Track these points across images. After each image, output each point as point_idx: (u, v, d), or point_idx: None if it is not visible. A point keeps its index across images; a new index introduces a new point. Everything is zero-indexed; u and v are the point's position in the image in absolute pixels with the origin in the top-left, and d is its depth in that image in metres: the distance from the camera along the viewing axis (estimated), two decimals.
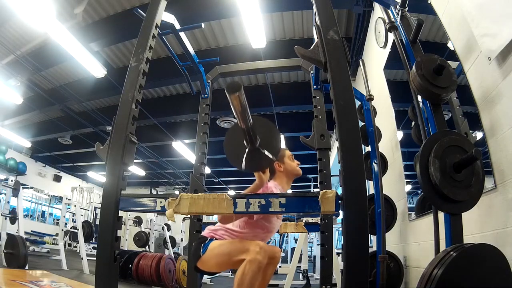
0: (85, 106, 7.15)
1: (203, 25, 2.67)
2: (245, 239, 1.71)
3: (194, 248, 1.78)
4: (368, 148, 2.85)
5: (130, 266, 4.36)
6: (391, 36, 2.49)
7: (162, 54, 5.78)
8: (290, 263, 5.24)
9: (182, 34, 2.31)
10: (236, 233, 1.76)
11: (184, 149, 8.25)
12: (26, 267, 4.12)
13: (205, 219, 3.16)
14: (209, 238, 1.77)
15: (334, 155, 5.06)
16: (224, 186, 13.44)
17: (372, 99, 2.80)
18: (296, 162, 2.01)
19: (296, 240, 9.53)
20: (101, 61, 5.34)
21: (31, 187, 11.15)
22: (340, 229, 4.98)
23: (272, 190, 1.77)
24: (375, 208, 2.58)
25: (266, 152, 1.38)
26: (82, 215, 7.29)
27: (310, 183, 10.03)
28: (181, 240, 8.06)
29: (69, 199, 6.36)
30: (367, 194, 1.22)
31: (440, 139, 1.47)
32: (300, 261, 4.50)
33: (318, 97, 2.52)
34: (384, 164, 2.90)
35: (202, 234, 1.85)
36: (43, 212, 12.18)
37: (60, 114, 8.04)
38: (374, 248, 2.60)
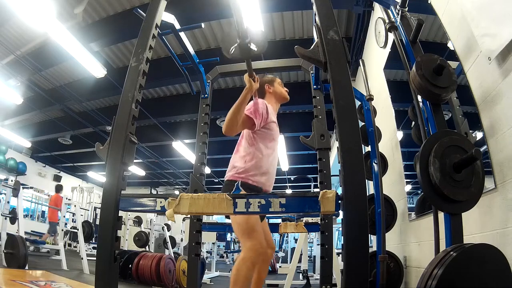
0: (85, 106, 7.15)
1: (203, 25, 2.67)
2: (264, 159, 1.90)
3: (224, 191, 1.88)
4: (368, 148, 2.85)
5: (130, 266, 4.35)
6: (391, 36, 2.49)
7: (162, 54, 5.78)
8: (290, 263, 5.24)
9: (182, 34, 2.31)
10: (254, 162, 1.88)
11: (184, 149, 8.26)
12: (26, 267, 4.12)
13: (205, 219, 3.16)
14: (235, 183, 1.86)
15: (334, 155, 5.06)
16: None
17: (372, 99, 2.80)
18: (285, 89, 2.24)
19: (296, 240, 9.53)
20: (101, 61, 5.35)
21: (31, 187, 11.15)
22: (340, 229, 4.98)
23: (265, 102, 1.96)
24: (375, 208, 2.58)
25: (252, 46, 1.58)
26: (82, 215, 7.30)
27: (310, 183, 10.03)
28: (181, 240, 8.05)
29: (69, 199, 6.36)
30: (367, 194, 1.22)
31: (440, 139, 1.47)
32: (300, 261, 4.50)
33: (318, 97, 2.52)
34: (384, 164, 2.90)
35: (226, 178, 1.95)
36: (43, 212, 12.18)
37: (60, 114, 8.05)
38: (374, 248, 2.60)
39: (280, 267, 5.95)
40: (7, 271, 3.82)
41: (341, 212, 1.17)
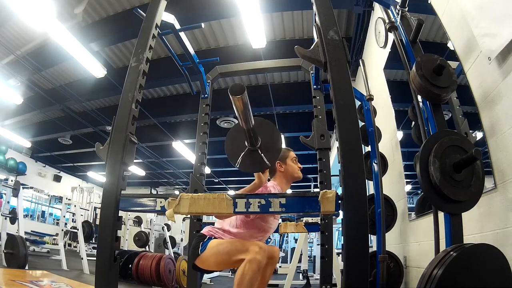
0: (85, 106, 7.15)
1: (203, 25, 2.66)
2: (243, 239, 1.72)
3: (193, 246, 1.78)
4: (368, 148, 2.85)
5: (130, 266, 4.36)
6: (391, 36, 2.49)
7: (162, 54, 5.78)
8: (290, 263, 5.24)
9: (182, 34, 2.31)
10: (233, 234, 1.77)
11: (184, 149, 8.25)
12: (26, 267, 4.12)
13: (205, 219, 3.16)
14: (207, 237, 1.78)
15: (334, 155, 5.06)
16: (224, 186, 13.44)
17: (372, 99, 2.80)
18: (298, 165, 2.01)
19: (296, 240, 9.53)
20: (101, 61, 5.34)
21: (31, 187, 11.15)
22: (340, 229, 4.98)
23: (270, 190, 1.77)
24: (375, 208, 2.58)
25: (264, 157, 1.38)
26: (82, 215, 7.29)
27: (310, 183, 10.02)
28: (181, 240, 8.07)
29: (69, 199, 6.36)
30: (367, 194, 1.22)
31: (440, 139, 1.47)
32: (300, 261, 4.50)
33: (318, 97, 2.52)
34: (384, 164, 2.90)
35: (201, 232, 1.86)
36: (43, 212, 12.18)
37: (60, 114, 8.04)
38: (374, 248, 2.60)
39: (280, 267, 5.95)
40: (7, 271, 3.82)
41: (341, 212, 1.17)
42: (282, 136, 1.50)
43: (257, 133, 1.37)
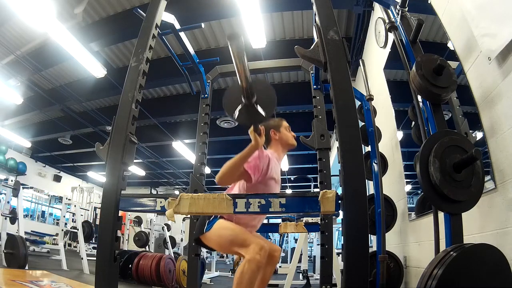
0: (85, 106, 7.15)
1: (203, 25, 2.67)
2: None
3: (200, 223, 1.80)
4: (368, 148, 2.85)
5: (130, 266, 4.36)
6: (391, 36, 2.49)
7: (162, 54, 5.78)
8: (290, 263, 5.24)
9: (182, 34, 2.31)
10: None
11: (184, 149, 8.25)
12: (26, 267, 4.12)
13: None
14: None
15: (334, 155, 5.06)
16: (224, 186, 13.42)
17: (372, 99, 2.80)
18: (292, 134, 2.06)
19: (296, 240, 9.53)
20: (101, 61, 5.34)
21: (31, 187, 11.15)
22: (340, 229, 4.98)
23: (269, 156, 1.81)
24: (375, 208, 2.58)
25: (260, 109, 1.42)
26: (82, 215, 7.29)
27: (310, 183, 10.03)
28: (181, 240, 8.06)
29: (69, 199, 6.36)
30: (367, 194, 1.22)
31: (440, 139, 1.47)
32: (300, 261, 4.50)
33: (318, 97, 2.52)
34: (384, 164, 2.90)
35: None
36: (43, 212, 12.18)
37: (60, 114, 8.04)
38: (374, 248, 2.60)
39: (280, 267, 5.95)
40: (7, 271, 3.82)
41: (341, 212, 1.17)
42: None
43: (253, 90, 1.41)
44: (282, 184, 12.12)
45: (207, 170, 6.87)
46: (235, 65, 1.27)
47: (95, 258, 1.39)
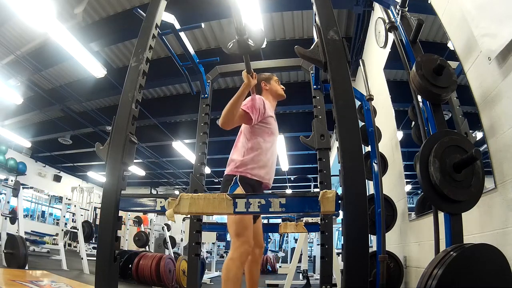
0: (85, 106, 7.15)
1: (203, 25, 2.66)
2: (262, 152, 1.94)
3: (222, 189, 1.92)
4: (368, 148, 2.85)
5: (130, 266, 4.36)
6: (391, 36, 2.48)
7: (162, 54, 5.79)
8: (290, 263, 5.24)
9: (182, 34, 2.31)
10: (251, 158, 1.92)
11: (184, 149, 8.25)
12: (26, 267, 4.12)
13: (205, 219, 3.16)
14: (233, 179, 1.89)
15: (334, 155, 5.06)
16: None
17: (372, 99, 2.80)
18: (281, 87, 2.25)
19: (296, 240, 9.53)
20: (101, 61, 5.34)
21: (31, 187, 11.15)
22: (340, 229, 4.98)
23: (262, 98, 2.00)
24: (375, 208, 2.58)
25: (250, 42, 1.60)
26: (82, 215, 7.29)
27: (310, 183, 10.03)
28: (181, 240, 8.06)
29: (69, 199, 6.36)
30: (367, 194, 1.22)
31: (440, 139, 1.47)
32: (300, 261, 4.50)
33: (318, 97, 2.52)
34: (384, 164, 2.90)
35: (225, 173, 1.98)
36: (43, 212, 12.18)
37: (60, 114, 8.04)
38: (374, 248, 2.60)
39: (280, 267, 5.95)
40: (7, 271, 3.82)
41: (341, 212, 1.17)
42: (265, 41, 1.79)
43: (245, 28, 1.60)
44: (282, 184, 12.16)
45: (207, 170, 6.88)
46: (231, 6, 1.48)
47: (95, 258, 1.39)
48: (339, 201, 1.18)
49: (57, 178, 12.22)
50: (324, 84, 2.54)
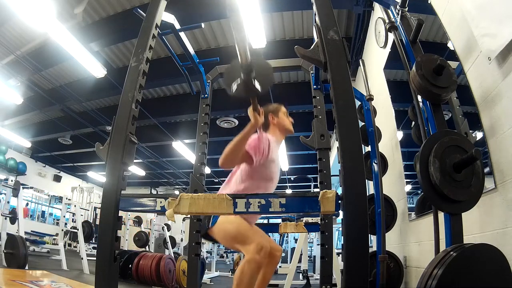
0: (85, 106, 7.15)
1: (203, 25, 2.67)
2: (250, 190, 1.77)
3: (205, 218, 1.83)
4: (368, 148, 2.85)
5: (130, 266, 4.36)
6: (391, 36, 2.49)
7: (162, 54, 5.78)
8: (290, 263, 5.24)
9: (182, 34, 2.31)
10: (241, 191, 1.79)
11: (184, 149, 8.25)
12: (26, 267, 4.12)
13: None
14: None
15: (334, 155, 5.06)
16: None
17: (372, 99, 2.80)
18: (290, 119, 2.07)
19: (296, 240, 9.53)
20: (101, 61, 5.34)
21: (31, 187, 11.15)
22: (340, 229, 4.98)
23: (268, 138, 1.83)
24: (375, 208, 2.58)
25: (257, 84, 1.45)
26: (82, 215, 7.29)
27: (310, 183, 10.02)
28: (181, 240, 8.06)
29: (69, 199, 6.36)
30: (367, 194, 1.22)
31: (440, 139, 1.47)
32: (300, 261, 4.50)
33: (318, 97, 2.52)
34: (384, 164, 2.90)
35: None
36: (43, 212, 12.19)
37: (60, 114, 8.04)
38: (374, 248, 2.60)
39: (280, 267, 5.95)
40: (7, 271, 3.82)
41: (341, 212, 1.17)
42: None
43: (252, 66, 1.43)
44: (282, 184, 12.16)
45: (207, 170, 6.88)
46: (235, 39, 1.31)
47: (95, 258, 1.39)
48: (339, 201, 1.18)
49: (57, 178, 12.22)
50: (324, 84, 2.55)
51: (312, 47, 1.39)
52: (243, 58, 1.37)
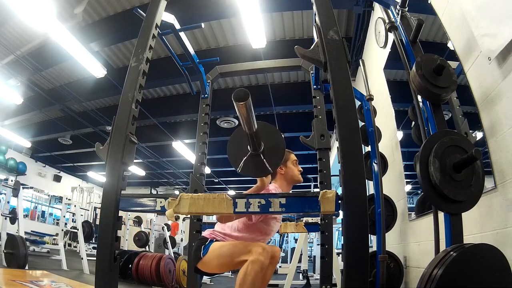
0: (85, 106, 7.15)
1: (203, 25, 2.66)
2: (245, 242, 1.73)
3: (195, 249, 1.78)
4: (368, 148, 2.85)
5: (130, 266, 4.36)
6: (391, 36, 2.49)
7: (162, 54, 5.78)
8: (290, 263, 5.24)
9: (182, 34, 2.31)
10: (235, 237, 1.77)
11: (184, 149, 8.25)
12: (26, 267, 4.12)
13: (205, 219, 3.16)
14: (209, 239, 1.78)
15: (334, 155, 5.06)
16: (224, 186, 13.44)
17: (372, 99, 2.80)
18: (299, 168, 2.00)
19: (296, 240, 9.53)
20: (101, 61, 5.34)
21: (31, 187, 11.15)
22: (340, 229, 4.98)
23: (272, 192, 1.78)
24: (375, 208, 2.58)
25: (266, 162, 1.36)
26: (82, 215, 7.29)
27: (310, 183, 10.02)
28: (181, 240, 8.06)
29: (69, 199, 6.36)
30: (367, 194, 1.22)
31: (440, 139, 1.47)
32: (300, 261, 4.50)
33: (318, 97, 2.52)
34: (384, 164, 2.90)
35: (202, 235, 1.86)
36: (43, 212, 12.18)
37: (60, 114, 8.04)
38: (374, 248, 2.60)
39: (280, 267, 5.95)
40: (7, 271, 3.82)
41: (341, 212, 1.17)
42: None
43: (260, 137, 1.35)
44: None
45: (207, 170, 6.88)
46: (240, 118, 1.22)
47: (95, 258, 1.39)
48: (339, 201, 1.18)
49: (57, 178, 12.22)
50: (324, 84, 2.54)
51: (312, 47, 1.39)
52: (248, 129, 1.26)
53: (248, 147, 1.37)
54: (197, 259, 1.75)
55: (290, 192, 2.02)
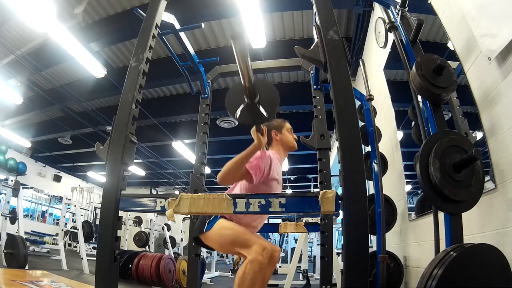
0: (85, 106, 7.15)
1: (203, 25, 2.67)
2: (253, 216, 1.74)
3: (200, 221, 1.78)
4: (368, 148, 2.85)
5: (130, 266, 4.36)
6: (391, 36, 2.49)
7: (162, 54, 5.78)
8: (290, 263, 5.24)
9: (182, 34, 2.32)
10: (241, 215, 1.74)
11: (184, 149, 8.25)
12: (26, 267, 4.12)
13: None
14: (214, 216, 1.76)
15: (334, 155, 5.06)
16: (224, 186, 13.42)
17: (372, 99, 2.80)
18: (294, 136, 2.03)
19: (296, 240, 9.53)
20: (101, 61, 5.34)
21: (31, 187, 11.15)
22: (340, 229, 4.98)
23: (270, 156, 1.79)
24: (375, 208, 2.58)
25: (262, 110, 1.41)
26: (82, 215, 7.29)
27: (310, 183, 10.02)
28: (181, 240, 8.06)
29: (69, 199, 6.36)
30: (367, 194, 1.22)
31: (440, 139, 1.47)
32: (300, 261, 4.50)
33: (318, 97, 2.52)
34: (384, 164, 2.90)
35: None
36: (43, 212, 12.19)
37: (60, 114, 8.04)
38: (374, 248, 2.60)
39: (280, 267, 5.96)
40: (7, 271, 3.82)
41: (341, 212, 1.17)
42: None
43: (256, 90, 1.40)
44: (282, 184, 12.12)
45: (207, 170, 6.87)
46: (238, 64, 1.28)
47: (95, 258, 1.39)
48: (339, 201, 1.18)
49: (57, 178, 12.21)
50: (324, 84, 2.55)
51: (312, 47, 1.39)
52: (247, 81, 1.32)
53: (245, 98, 1.41)
54: (199, 232, 1.75)
55: (289, 190, 2.03)
